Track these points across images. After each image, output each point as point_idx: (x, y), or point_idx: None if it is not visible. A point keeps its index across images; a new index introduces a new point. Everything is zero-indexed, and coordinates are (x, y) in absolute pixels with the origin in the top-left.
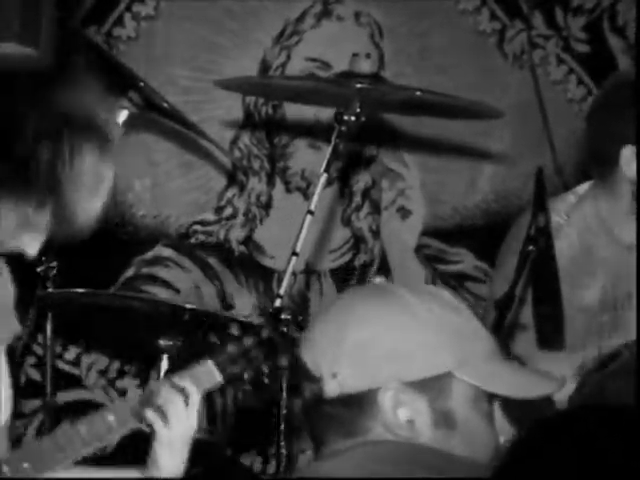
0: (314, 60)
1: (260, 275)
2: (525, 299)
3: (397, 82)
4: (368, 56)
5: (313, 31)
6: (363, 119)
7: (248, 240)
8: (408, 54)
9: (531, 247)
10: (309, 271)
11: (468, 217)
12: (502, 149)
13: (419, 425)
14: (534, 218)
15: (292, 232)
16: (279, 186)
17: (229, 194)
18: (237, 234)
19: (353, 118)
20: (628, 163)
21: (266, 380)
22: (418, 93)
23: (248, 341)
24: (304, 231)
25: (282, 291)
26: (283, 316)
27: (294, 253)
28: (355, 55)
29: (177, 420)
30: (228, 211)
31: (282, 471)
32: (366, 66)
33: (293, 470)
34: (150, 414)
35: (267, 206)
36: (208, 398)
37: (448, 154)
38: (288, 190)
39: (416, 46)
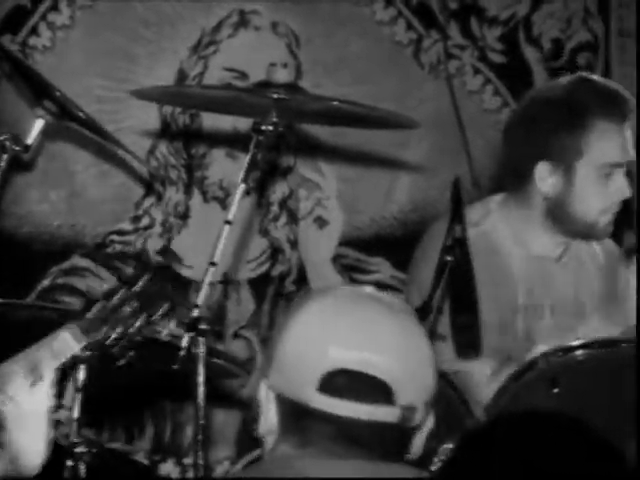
0: (231, 70)
1: (178, 285)
2: (443, 309)
3: (314, 92)
4: (285, 66)
5: (230, 41)
6: (280, 129)
7: (165, 250)
8: (325, 64)
9: (448, 257)
10: (227, 281)
11: (385, 227)
12: (419, 159)
13: None
14: (451, 228)
15: (210, 242)
16: (197, 196)
17: (146, 204)
18: (154, 244)
19: (270, 128)
20: (543, 179)
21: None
22: (335, 103)
23: (119, 296)
24: (222, 241)
25: (200, 301)
26: (201, 326)
27: (212, 263)
28: (272, 65)
29: (23, 396)
30: (145, 221)
31: None
32: (283, 76)
33: None
34: None
35: (184, 216)
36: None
37: (365, 164)
38: (206, 200)
39: (333, 56)
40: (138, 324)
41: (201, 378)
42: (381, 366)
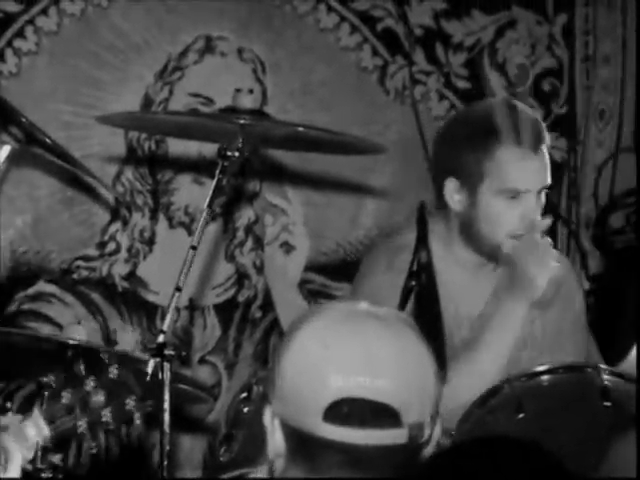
0: (197, 95)
1: (143, 311)
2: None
3: (280, 117)
4: (251, 92)
5: (196, 67)
6: (246, 155)
7: (131, 275)
8: (291, 90)
9: (413, 283)
10: (193, 306)
11: (351, 252)
12: (385, 184)
13: None
14: (416, 254)
15: (176, 267)
16: (162, 221)
17: (112, 229)
18: (120, 269)
19: (236, 154)
20: (450, 196)
21: (113, 423)
22: (300, 129)
23: (88, 385)
24: (187, 266)
25: (165, 327)
26: (166, 352)
27: (177, 288)
28: (238, 91)
29: None
30: (111, 246)
31: None
32: (249, 102)
33: None
34: None
35: (150, 241)
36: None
37: (331, 189)
38: (172, 225)
39: (299, 82)
40: (106, 414)
41: (167, 404)
42: (385, 390)
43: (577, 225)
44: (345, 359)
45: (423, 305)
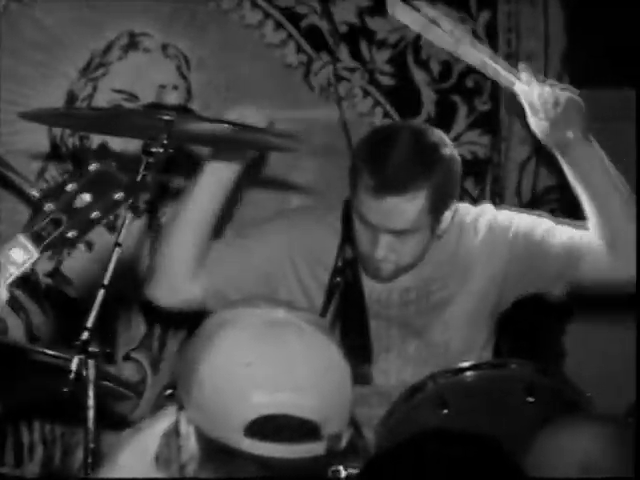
0: (121, 92)
1: (67, 308)
2: (334, 332)
3: (205, 114)
4: (175, 88)
5: (120, 63)
6: (171, 151)
7: (55, 272)
8: (215, 86)
9: (338, 279)
10: (117, 303)
11: None
12: (309, 181)
13: None
14: (341, 250)
15: (100, 264)
16: None
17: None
18: (44, 266)
19: (161, 150)
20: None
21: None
22: (225, 125)
23: (69, 187)
24: (112, 263)
25: (90, 323)
26: (91, 349)
27: (102, 285)
28: (162, 87)
29: None
30: None
31: None
32: (173, 98)
33: None
34: None
35: None
36: None
37: (254, 186)
38: None
39: (223, 78)
40: (95, 212)
41: (91, 401)
42: (307, 405)
43: None
44: (267, 376)
45: (348, 301)
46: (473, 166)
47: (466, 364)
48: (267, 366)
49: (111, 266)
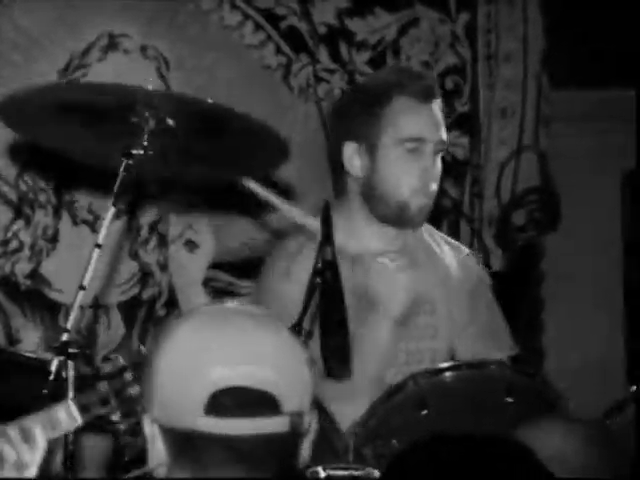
0: None
1: (47, 309)
2: (312, 333)
3: None
4: None
5: (99, 64)
6: (151, 153)
7: (34, 273)
8: (195, 87)
9: (318, 280)
10: (97, 305)
11: (257, 250)
12: (289, 182)
13: None
14: (321, 251)
15: (79, 265)
16: (66, 219)
17: (15, 227)
18: (23, 267)
19: (141, 152)
20: (349, 160)
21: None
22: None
23: (127, 376)
24: (91, 264)
25: (69, 325)
26: (70, 350)
27: (81, 287)
28: None
29: (12, 466)
30: (14, 244)
31: None
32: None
33: None
34: None
35: (54, 239)
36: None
37: (235, 188)
38: (75, 223)
39: (202, 79)
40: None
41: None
42: (262, 377)
43: (480, 223)
44: (222, 350)
45: (328, 302)
46: (452, 167)
47: (446, 364)
48: (222, 341)
49: (91, 267)
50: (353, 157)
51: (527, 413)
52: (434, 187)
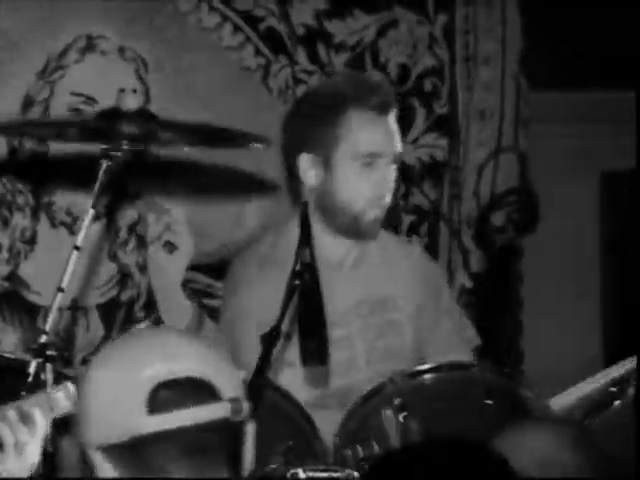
0: (79, 95)
1: (25, 311)
2: (291, 335)
3: (164, 117)
4: (134, 91)
5: (77, 66)
6: (130, 155)
7: (12, 276)
8: (174, 89)
9: (297, 282)
10: (75, 307)
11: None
12: (268, 184)
13: None
14: (299, 252)
15: (58, 267)
16: (44, 221)
17: None
18: (1, 270)
19: (120, 154)
20: (305, 171)
21: None
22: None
23: None
24: (70, 266)
25: (48, 327)
26: (49, 352)
27: (60, 289)
28: (121, 90)
29: (11, 448)
30: None
31: None
32: (132, 101)
33: None
34: None
35: (32, 241)
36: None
37: (215, 189)
38: (53, 225)
39: (182, 81)
40: None
41: None
42: (195, 368)
43: (459, 224)
44: (151, 352)
45: (307, 304)
46: (431, 169)
47: (425, 366)
48: (149, 345)
49: (69, 269)
50: (308, 168)
51: (508, 415)
52: (388, 199)
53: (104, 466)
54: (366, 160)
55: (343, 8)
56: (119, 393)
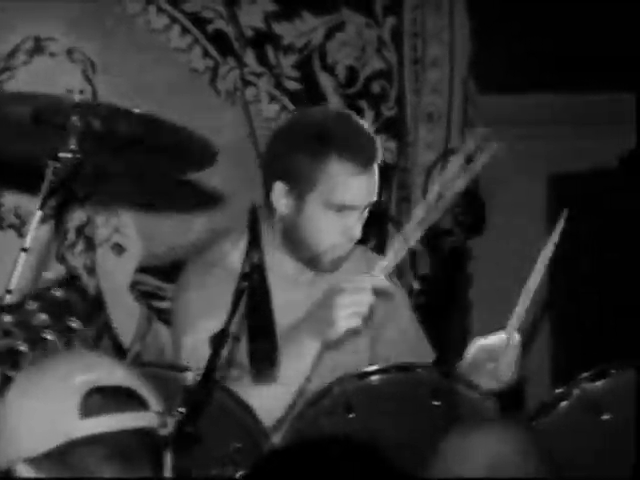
0: None
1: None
2: (240, 336)
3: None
4: (81, 92)
5: (25, 67)
6: (79, 156)
7: None
8: (122, 91)
9: (245, 284)
10: None
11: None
12: (216, 186)
13: None
14: (248, 255)
15: (5, 269)
16: None
17: None
18: None
19: (69, 155)
20: (277, 198)
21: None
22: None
23: (30, 305)
24: (18, 268)
25: None
26: None
27: (8, 291)
28: (69, 91)
29: None
30: None
31: None
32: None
33: None
34: None
35: None
36: None
37: (163, 191)
38: (1, 227)
39: (130, 83)
40: (49, 332)
41: None
42: (123, 377)
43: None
44: (82, 362)
45: (255, 306)
46: (380, 171)
47: (372, 368)
48: (72, 359)
49: (17, 271)
50: (281, 197)
51: (455, 416)
52: (354, 240)
53: (30, 477)
54: (336, 209)
55: (291, 10)
56: (50, 401)
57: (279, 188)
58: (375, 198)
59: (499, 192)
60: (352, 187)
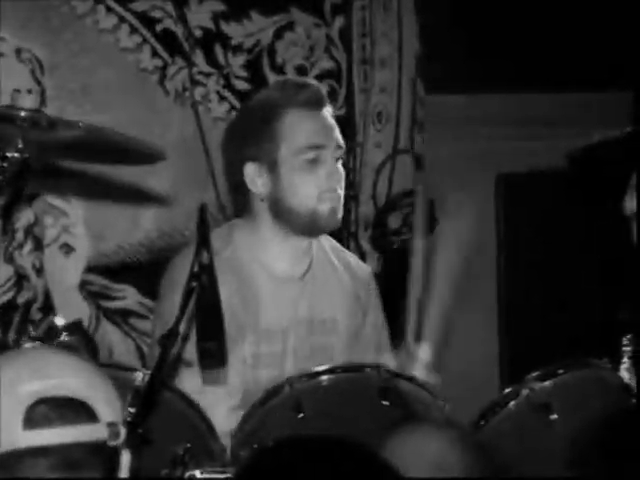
0: None
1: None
2: (189, 335)
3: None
4: (30, 92)
5: None
6: (26, 155)
7: None
8: (70, 91)
9: (194, 283)
10: None
11: (132, 254)
12: (165, 186)
13: None
14: (197, 254)
15: None
16: None
17: None
18: None
19: (16, 155)
20: (252, 180)
21: None
22: (80, 125)
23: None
24: None
25: None
26: None
27: None
28: (16, 91)
29: None
30: None
31: None
32: (28, 102)
33: None
34: None
35: None
36: None
37: (112, 191)
38: None
39: (78, 83)
40: None
41: None
42: (75, 388)
43: (356, 226)
44: (31, 369)
45: (204, 306)
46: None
47: (321, 368)
48: (27, 362)
49: None
50: (255, 177)
51: (404, 416)
52: (339, 191)
53: None
54: (309, 156)
55: (240, 10)
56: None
57: (251, 169)
58: (341, 141)
59: (448, 190)
60: (309, 126)
